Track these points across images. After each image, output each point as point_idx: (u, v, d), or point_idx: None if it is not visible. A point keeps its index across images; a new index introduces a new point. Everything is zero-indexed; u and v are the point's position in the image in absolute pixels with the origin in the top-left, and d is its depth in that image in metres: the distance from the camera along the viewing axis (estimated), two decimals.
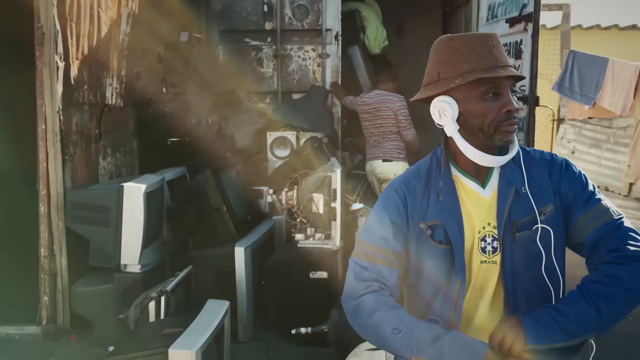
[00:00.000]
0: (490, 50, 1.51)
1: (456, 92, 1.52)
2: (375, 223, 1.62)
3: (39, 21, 3.98)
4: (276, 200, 4.43)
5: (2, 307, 4.54)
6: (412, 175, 1.64)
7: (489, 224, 1.56)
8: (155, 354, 2.86)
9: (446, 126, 1.54)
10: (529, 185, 1.55)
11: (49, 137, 4.08)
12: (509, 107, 1.51)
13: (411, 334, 1.46)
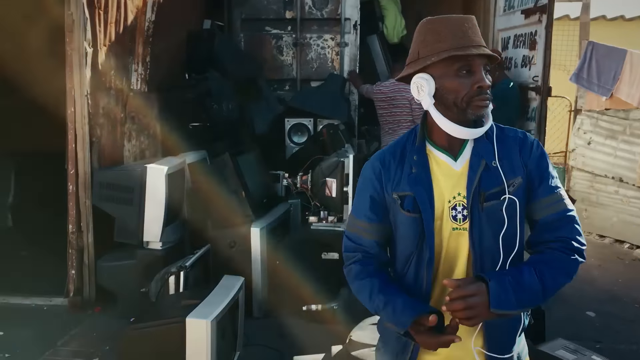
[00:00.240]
0: (466, 32, 1.64)
1: (433, 69, 1.66)
2: (358, 199, 1.81)
3: (69, 8, 4.19)
4: (291, 183, 4.61)
5: (32, 279, 4.82)
6: (388, 150, 1.79)
7: (459, 193, 1.69)
8: (174, 322, 3.08)
9: (423, 101, 1.68)
10: (500, 159, 1.68)
11: (77, 120, 4.31)
12: (481, 83, 1.63)
13: (374, 300, 1.69)
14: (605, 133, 7.18)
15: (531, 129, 5.24)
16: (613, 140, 7.07)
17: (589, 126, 7.37)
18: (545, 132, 5.14)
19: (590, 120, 7.36)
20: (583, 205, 7.36)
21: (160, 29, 5.34)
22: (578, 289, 5.27)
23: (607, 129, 7.16)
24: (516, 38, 5.60)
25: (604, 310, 4.81)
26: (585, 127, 7.43)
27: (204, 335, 2.99)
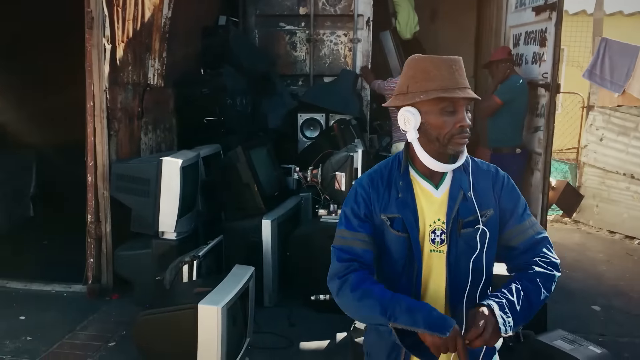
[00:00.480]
0: (453, 73, 1.76)
1: (420, 105, 1.78)
2: (349, 214, 1.88)
3: (89, 6, 4.34)
4: (302, 177, 4.73)
5: (53, 267, 5.00)
6: (376, 173, 1.91)
7: (439, 219, 1.83)
8: (186, 309, 3.22)
9: (409, 133, 1.81)
10: (474, 191, 1.84)
11: (96, 114, 4.46)
12: (462, 123, 1.77)
13: (388, 304, 1.70)
14: (618, 129, 7.21)
15: (540, 125, 5.31)
16: (625, 137, 7.10)
17: (601, 122, 7.40)
18: (554, 128, 5.19)
19: (603, 117, 7.39)
20: (594, 202, 7.41)
21: (176, 25, 5.49)
22: (584, 284, 5.36)
23: (619, 125, 7.19)
24: (527, 35, 5.66)
25: (609, 305, 4.88)
26: (597, 124, 7.46)
27: (215, 321, 3.12)
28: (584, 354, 2.97)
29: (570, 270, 5.70)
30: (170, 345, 3.25)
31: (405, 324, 1.68)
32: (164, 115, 5.40)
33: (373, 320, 1.79)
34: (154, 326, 3.28)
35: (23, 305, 4.43)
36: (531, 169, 5.48)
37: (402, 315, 1.68)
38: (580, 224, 7.53)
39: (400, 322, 1.68)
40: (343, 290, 1.80)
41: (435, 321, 1.66)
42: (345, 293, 1.79)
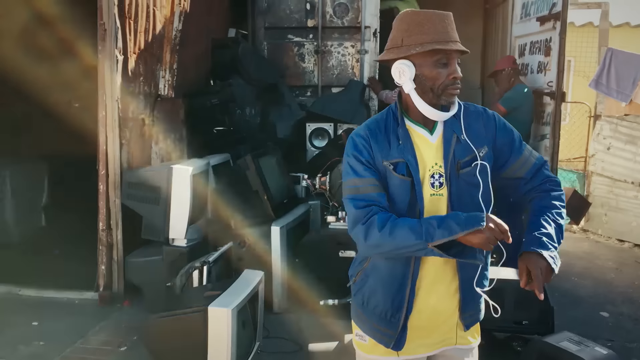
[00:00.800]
0: (446, 27, 1.86)
1: (415, 58, 1.87)
2: (354, 163, 1.93)
3: (102, 19, 4.44)
4: (310, 184, 4.78)
5: (65, 275, 5.06)
6: (372, 124, 1.98)
7: (436, 163, 1.92)
8: (196, 311, 3.27)
9: (405, 85, 1.90)
10: (467, 133, 1.93)
11: (108, 123, 4.55)
12: (455, 74, 1.87)
13: (419, 228, 1.77)
14: (625, 138, 7.23)
15: (546, 133, 5.35)
16: (633, 146, 7.12)
17: (609, 131, 7.43)
18: (560, 136, 5.23)
19: (610, 126, 7.42)
20: (602, 210, 7.41)
21: (186, 38, 5.59)
22: (593, 291, 5.36)
23: (626, 134, 7.21)
24: (532, 45, 5.73)
25: (618, 311, 4.88)
26: (604, 133, 7.49)
27: (225, 324, 3.17)
28: (590, 354, 2.99)
29: (579, 277, 5.72)
30: (180, 347, 3.29)
31: (444, 237, 1.74)
32: (174, 125, 5.48)
33: (409, 249, 1.81)
34: (165, 329, 3.33)
35: (35, 312, 4.49)
36: None
37: (436, 232, 1.75)
38: (589, 233, 7.53)
39: (438, 238, 1.75)
40: (370, 232, 1.83)
41: (467, 220, 1.74)
42: (373, 234, 1.82)
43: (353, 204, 1.90)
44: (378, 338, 2.03)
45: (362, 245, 1.89)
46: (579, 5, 7.63)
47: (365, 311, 2.06)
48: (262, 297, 3.81)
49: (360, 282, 2.08)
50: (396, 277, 1.95)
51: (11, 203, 5.85)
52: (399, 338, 1.99)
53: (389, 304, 1.98)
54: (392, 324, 1.99)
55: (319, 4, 6.52)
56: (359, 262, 2.13)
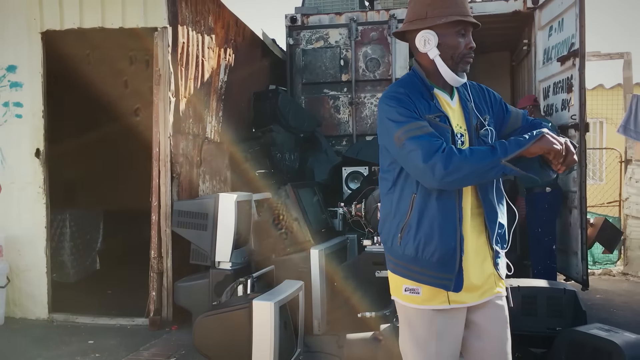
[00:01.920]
0: (464, 3, 2.18)
1: (438, 28, 2.13)
2: (404, 112, 2.09)
3: (157, 65, 4.98)
4: (347, 211, 5.06)
5: (118, 306, 5.37)
6: (403, 87, 2.19)
7: (457, 124, 2.18)
8: (242, 307, 3.53)
9: (431, 51, 2.16)
10: (474, 103, 2.24)
11: (161, 158, 4.98)
12: (471, 44, 2.16)
13: (493, 148, 2.00)
14: None
15: (574, 166, 5.56)
16: None
17: None
18: (586, 165, 5.43)
19: None
20: None
21: (231, 89, 6.13)
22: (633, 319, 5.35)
23: None
24: (555, 85, 6.04)
25: None
26: (636, 176, 7.60)
27: (268, 316, 3.42)
28: (620, 339, 3.09)
29: (617, 309, 5.72)
30: (227, 343, 3.54)
31: (515, 150, 1.97)
32: (219, 167, 5.90)
33: (486, 167, 1.99)
34: (213, 326, 3.59)
35: (91, 334, 4.78)
36: (568, 207, 5.68)
37: (508, 147, 1.98)
38: (628, 276, 7.49)
39: (511, 152, 1.97)
40: (451, 158, 1.99)
41: (530, 134, 2.00)
42: (454, 159, 1.98)
43: (424, 139, 2.03)
44: (438, 284, 2.13)
45: (440, 172, 1.99)
46: (602, 57, 7.98)
47: (419, 262, 2.14)
48: (302, 306, 4.04)
49: (408, 235, 2.15)
50: (448, 220, 2.12)
51: (69, 245, 6.27)
52: (457, 280, 2.13)
53: (446, 247, 2.12)
54: (450, 267, 2.12)
55: (352, 60, 7.04)
56: (398, 222, 2.19)
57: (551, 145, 1.97)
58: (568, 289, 3.90)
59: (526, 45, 7.12)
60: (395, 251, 2.22)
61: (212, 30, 5.65)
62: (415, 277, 2.18)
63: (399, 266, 2.23)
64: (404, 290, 2.21)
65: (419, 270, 2.17)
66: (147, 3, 4.91)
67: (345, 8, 7.31)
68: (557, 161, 2.00)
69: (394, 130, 2.09)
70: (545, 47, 6.32)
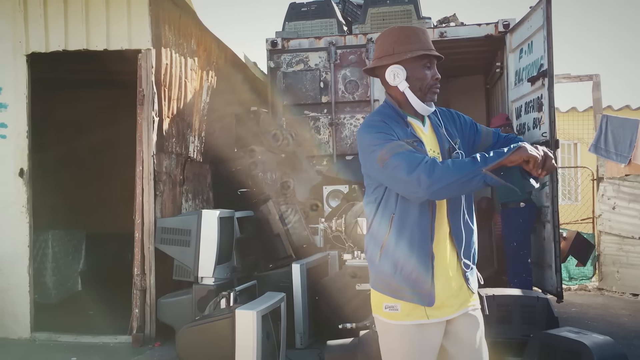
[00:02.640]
0: (427, 39, 2.35)
1: (406, 63, 2.29)
2: (385, 135, 2.22)
3: (141, 86, 5.10)
4: (328, 227, 5.18)
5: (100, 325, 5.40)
6: (380, 115, 2.34)
7: (431, 149, 2.31)
8: (225, 317, 3.61)
9: (400, 84, 2.31)
10: (445, 128, 2.37)
11: (144, 176, 5.08)
12: (437, 75, 2.32)
13: (474, 158, 2.08)
14: (628, 197, 7.56)
15: (546, 181, 5.75)
16: (636, 203, 7.43)
17: (612, 192, 7.77)
18: (558, 181, 5.62)
19: (613, 187, 7.77)
20: (614, 268, 7.60)
21: (214, 110, 6.27)
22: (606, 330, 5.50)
23: (629, 193, 7.55)
24: (526, 105, 6.27)
25: (630, 343, 5.02)
26: (608, 194, 7.83)
27: (251, 325, 3.51)
28: (589, 339, 3.23)
29: (592, 321, 5.87)
30: (210, 353, 3.60)
31: (496, 159, 2.06)
32: (202, 186, 6.01)
33: (467, 176, 2.07)
34: (196, 335, 3.66)
35: (73, 352, 4.81)
36: (542, 222, 5.86)
37: (489, 158, 2.08)
38: (603, 291, 7.67)
39: (490, 162, 2.06)
40: (434, 168, 2.09)
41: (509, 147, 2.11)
42: (437, 169, 2.09)
43: (406, 154, 2.15)
44: (413, 299, 2.25)
45: (425, 182, 2.09)
46: (572, 79, 8.27)
47: (397, 279, 2.26)
48: (284, 317, 4.13)
49: (387, 253, 2.30)
50: (422, 239, 2.25)
51: (51, 265, 6.29)
52: (429, 295, 2.25)
53: (420, 264, 2.24)
54: (424, 283, 2.25)
55: (331, 82, 7.21)
56: (376, 241, 2.33)
57: (530, 152, 2.07)
58: (541, 297, 4.05)
59: (499, 67, 7.38)
60: (376, 268, 2.34)
61: (194, 52, 5.80)
62: (393, 293, 2.30)
63: (379, 282, 2.34)
64: (384, 307, 2.32)
65: (396, 287, 2.29)
66: (131, 26, 5.05)
67: (324, 32, 7.51)
68: (536, 168, 2.10)
69: (377, 153, 2.20)
70: (517, 68, 6.57)
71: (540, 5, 5.75)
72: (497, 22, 6.92)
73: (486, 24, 7.01)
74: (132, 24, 5.06)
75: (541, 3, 5.71)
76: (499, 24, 6.88)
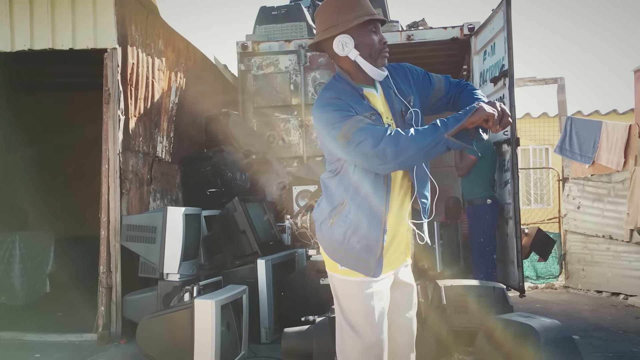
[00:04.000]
0: (368, 3, 2.36)
1: (352, 31, 2.27)
2: (344, 112, 2.22)
3: (107, 85, 5.13)
4: (294, 224, 5.25)
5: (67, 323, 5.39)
6: (334, 91, 2.32)
7: (386, 117, 2.32)
8: (184, 308, 3.65)
9: (351, 53, 2.28)
10: (397, 89, 2.37)
11: (110, 174, 5.10)
12: (384, 40, 2.33)
13: (435, 125, 2.12)
14: (592, 197, 7.75)
15: (508, 179, 5.89)
16: (600, 203, 7.62)
17: (577, 192, 7.96)
18: (519, 177, 5.76)
19: (578, 187, 7.96)
20: (580, 266, 7.77)
21: (183, 111, 6.31)
22: (568, 323, 5.62)
23: (593, 192, 7.74)
24: None
25: (589, 335, 5.16)
26: (573, 193, 8.02)
27: (210, 315, 3.54)
28: (537, 322, 3.33)
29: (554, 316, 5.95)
30: (171, 342, 3.64)
31: (456, 124, 2.09)
32: (170, 187, 6.04)
33: (431, 143, 2.12)
34: (156, 326, 3.70)
35: (38, 349, 4.80)
36: (505, 219, 5.98)
37: (448, 123, 2.11)
38: (569, 289, 7.83)
39: (451, 127, 2.09)
40: (399, 138, 2.14)
41: (465, 109, 2.14)
42: (402, 139, 2.13)
43: (368, 128, 2.18)
44: (359, 269, 2.31)
45: (391, 153, 2.14)
46: (538, 82, 8.46)
47: (345, 247, 2.32)
48: (246, 310, 4.17)
49: (338, 221, 2.33)
50: (375, 212, 2.30)
51: (19, 267, 6.26)
52: (377, 266, 2.32)
53: (371, 237, 2.30)
54: (372, 255, 2.31)
55: (301, 85, 7.32)
56: (333, 207, 2.36)
57: (488, 112, 2.10)
58: (497, 286, 4.15)
59: (465, 70, 7.53)
60: (324, 233, 2.40)
61: (162, 53, 5.85)
62: (338, 259, 2.37)
63: (329, 247, 2.41)
64: (340, 266, 2.38)
65: (342, 254, 2.35)
66: (97, 25, 5.10)
67: (294, 35, 7.61)
68: (494, 125, 2.13)
69: (338, 131, 2.20)
70: (481, 70, 6.72)
71: (500, 7, 5.90)
72: (462, 25, 7.08)
73: (452, 27, 7.17)
74: (98, 23, 5.10)
75: (502, 5, 5.86)
76: (464, 27, 7.04)
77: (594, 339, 5.02)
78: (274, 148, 7.21)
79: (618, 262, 7.23)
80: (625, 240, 7.10)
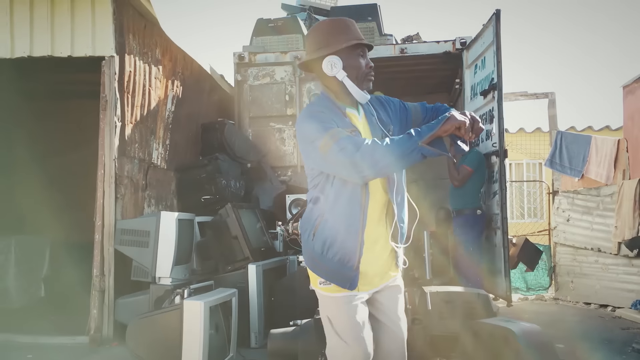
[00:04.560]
0: (357, 28, 2.49)
1: (341, 53, 2.39)
2: (325, 125, 2.32)
3: (104, 92, 5.25)
4: (285, 230, 5.34)
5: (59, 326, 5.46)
6: (318, 107, 2.46)
7: (366, 138, 2.38)
8: (173, 309, 3.74)
9: (338, 74, 2.40)
10: (377, 117, 2.49)
11: (105, 179, 5.20)
12: (371, 64, 2.45)
13: (409, 135, 2.22)
14: (582, 210, 7.85)
15: (496, 190, 6.00)
16: (589, 216, 7.72)
17: (567, 205, 8.06)
18: (507, 188, 5.86)
19: (567, 200, 8.07)
20: (569, 278, 7.85)
21: (179, 120, 6.43)
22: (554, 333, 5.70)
23: (582, 206, 7.84)
24: (480, 118, 6.54)
25: (573, 344, 5.22)
26: (563, 206, 8.13)
27: (198, 315, 3.63)
28: (516, 326, 3.42)
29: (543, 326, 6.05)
30: (160, 342, 3.72)
31: (429, 132, 2.20)
32: (166, 193, 6.14)
33: (406, 151, 2.22)
34: (146, 327, 3.78)
35: (30, 350, 4.87)
36: (493, 229, 6.08)
37: (422, 131, 2.22)
38: (559, 300, 7.91)
39: (424, 135, 2.20)
40: (376, 147, 2.23)
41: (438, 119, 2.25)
42: (379, 148, 2.23)
43: (348, 139, 2.28)
44: (335, 281, 2.42)
45: (370, 160, 2.23)
46: (529, 96, 8.60)
47: (323, 259, 2.42)
48: (235, 312, 4.26)
49: (317, 234, 2.43)
50: (352, 226, 2.39)
51: (14, 271, 6.33)
52: (353, 279, 2.41)
53: (347, 250, 2.39)
54: (348, 268, 2.40)
55: (296, 95, 7.45)
56: (314, 220, 2.47)
57: (459, 120, 2.21)
58: (482, 293, 4.24)
59: (458, 84, 7.67)
60: (308, 245, 2.51)
61: (159, 62, 5.98)
62: (320, 272, 2.48)
63: (310, 259, 2.52)
64: (319, 283, 2.51)
65: (323, 267, 2.46)
66: (96, 33, 5.22)
67: (290, 47, 7.75)
68: (467, 133, 2.24)
69: (319, 142, 2.30)
70: (472, 83, 6.86)
71: (491, 22, 6.05)
72: (454, 39, 7.23)
73: (444, 41, 7.32)
74: (97, 31, 5.22)
75: (492, 20, 6.00)
76: (457, 41, 7.19)
77: (577, 347, 5.09)
78: (268, 157, 7.32)
79: (606, 274, 7.31)
80: (613, 253, 7.19)
